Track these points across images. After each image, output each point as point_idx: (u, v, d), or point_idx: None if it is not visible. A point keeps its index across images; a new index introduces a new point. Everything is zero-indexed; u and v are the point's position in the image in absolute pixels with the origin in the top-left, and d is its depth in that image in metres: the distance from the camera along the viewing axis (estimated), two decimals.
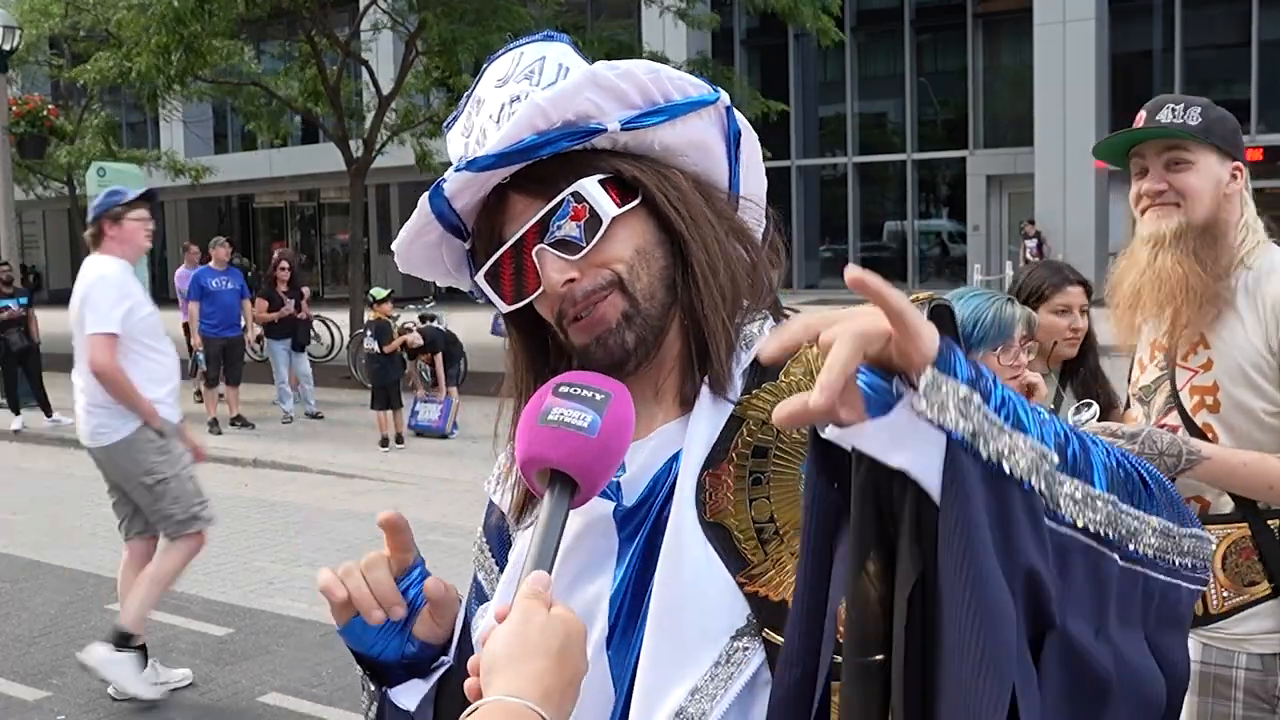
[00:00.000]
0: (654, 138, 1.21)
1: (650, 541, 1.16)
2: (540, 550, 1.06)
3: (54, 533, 8.69)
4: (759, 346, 1.17)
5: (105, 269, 5.41)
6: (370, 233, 29.75)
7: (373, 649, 1.22)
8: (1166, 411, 2.52)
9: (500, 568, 1.34)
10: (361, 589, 1.19)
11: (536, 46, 1.26)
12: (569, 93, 1.16)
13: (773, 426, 1.13)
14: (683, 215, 1.20)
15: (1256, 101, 23.71)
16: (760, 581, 1.10)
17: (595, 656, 1.16)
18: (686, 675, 1.09)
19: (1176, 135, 2.43)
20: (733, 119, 1.26)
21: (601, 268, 1.18)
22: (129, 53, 14.60)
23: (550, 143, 1.16)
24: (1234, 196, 2.48)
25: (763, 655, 1.09)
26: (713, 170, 1.26)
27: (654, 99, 1.19)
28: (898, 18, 27.33)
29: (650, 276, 1.19)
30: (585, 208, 1.17)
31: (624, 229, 1.19)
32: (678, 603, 1.11)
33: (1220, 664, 2.47)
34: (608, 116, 1.18)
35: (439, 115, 17.53)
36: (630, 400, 1.14)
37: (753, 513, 1.13)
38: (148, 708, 5.33)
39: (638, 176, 1.19)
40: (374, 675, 1.27)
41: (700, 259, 1.20)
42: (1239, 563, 2.42)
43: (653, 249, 1.20)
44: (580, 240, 1.17)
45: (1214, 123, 2.47)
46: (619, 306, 1.18)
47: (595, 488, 1.11)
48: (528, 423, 1.12)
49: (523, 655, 0.97)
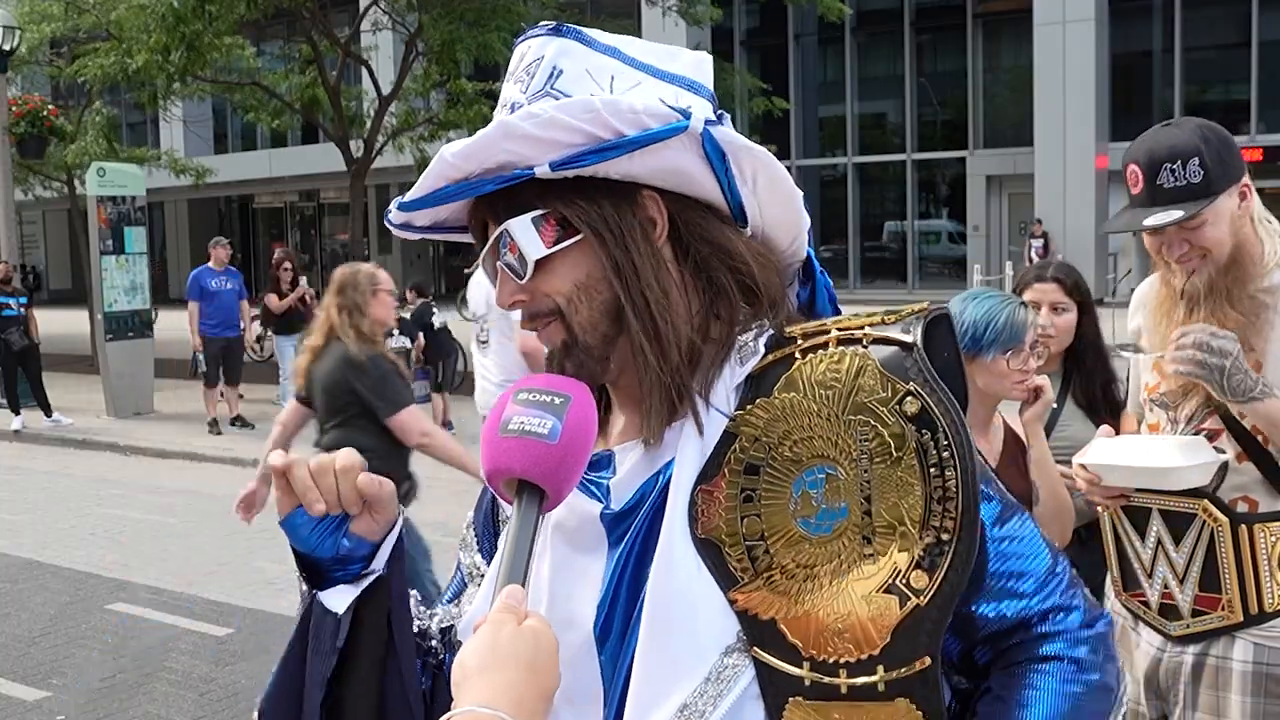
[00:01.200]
0: (608, 169, 1.17)
1: (641, 551, 1.16)
2: (513, 562, 1.06)
3: (54, 533, 8.69)
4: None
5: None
6: (370, 233, 29.72)
7: (308, 543, 1.22)
8: (1206, 417, 2.49)
9: (481, 550, 1.35)
10: (306, 480, 1.18)
11: (540, 43, 1.24)
12: (481, 147, 1.16)
13: (765, 444, 1.14)
14: (618, 258, 1.18)
15: (1256, 101, 23.71)
16: (750, 599, 1.11)
17: (584, 655, 1.17)
18: (676, 691, 1.10)
19: (1189, 218, 2.36)
20: (710, 142, 1.17)
21: (545, 295, 1.20)
22: (129, 49, 14.59)
23: (475, 187, 1.18)
24: (1247, 213, 2.44)
25: (752, 672, 1.10)
26: (695, 193, 1.22)
27: (598, 136, 1.14)
28: (898, 18, 27.32)
29: (591, 310, 1.19)
30: (515, 245, 1.19)
31: (564, 263, 1.19)
32: (668, 618, 1.11)
33: (1273, 663, 2.43)
34: (535, 160, 1.15)
35: (438, 118, 17.55)
36: (591, 400, 1.14)
37: (744, 529, 1.12)
38: (147, 708, 5.33)
39: (569, 219, 1.18)
40: (309, 575, 1.26)
41: (635, 302, 1.17)
42: None
43: (595, 283, 1.19)
44: (520, 270, 1.20)
45: (1215, 163, 2.38)
46: (560, 335, 1.20)
47: (562, 493, 1.11)
48: (490, 434, 1.12)
49: (493, 666, 0.97)
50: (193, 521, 8.87)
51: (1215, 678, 2.48)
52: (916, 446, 1.09)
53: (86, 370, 17.00)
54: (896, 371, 1.12)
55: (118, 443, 12.35)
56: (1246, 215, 2.43)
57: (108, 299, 14.00)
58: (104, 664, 5.86)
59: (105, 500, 9.72)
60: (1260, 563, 2.41)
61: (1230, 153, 2.43)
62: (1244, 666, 2.45)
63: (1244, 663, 2.45)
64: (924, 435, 1.09)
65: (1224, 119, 17.33)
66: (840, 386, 1.12)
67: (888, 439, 1.10)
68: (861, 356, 1.13)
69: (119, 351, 13.99)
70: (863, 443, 1.10)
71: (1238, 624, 2.45)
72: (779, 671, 1.09)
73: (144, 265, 14.65)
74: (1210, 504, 2.44)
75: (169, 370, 15.65)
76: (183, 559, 7.80)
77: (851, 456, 1.10)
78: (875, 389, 1.11)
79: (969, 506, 1.09)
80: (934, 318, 1.16)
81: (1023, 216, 25.21)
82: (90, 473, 11.10)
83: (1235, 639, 2.46)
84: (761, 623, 1.09)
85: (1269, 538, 2.41)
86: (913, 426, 1.09)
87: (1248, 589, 2.42)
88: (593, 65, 1.22)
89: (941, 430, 1.09)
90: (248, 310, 13.42)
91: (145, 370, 14.29)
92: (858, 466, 1.10)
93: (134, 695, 5.45)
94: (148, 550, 8.13)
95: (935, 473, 1.09)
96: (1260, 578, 2.41)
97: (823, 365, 1.14)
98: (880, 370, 1.12)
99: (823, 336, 1.17)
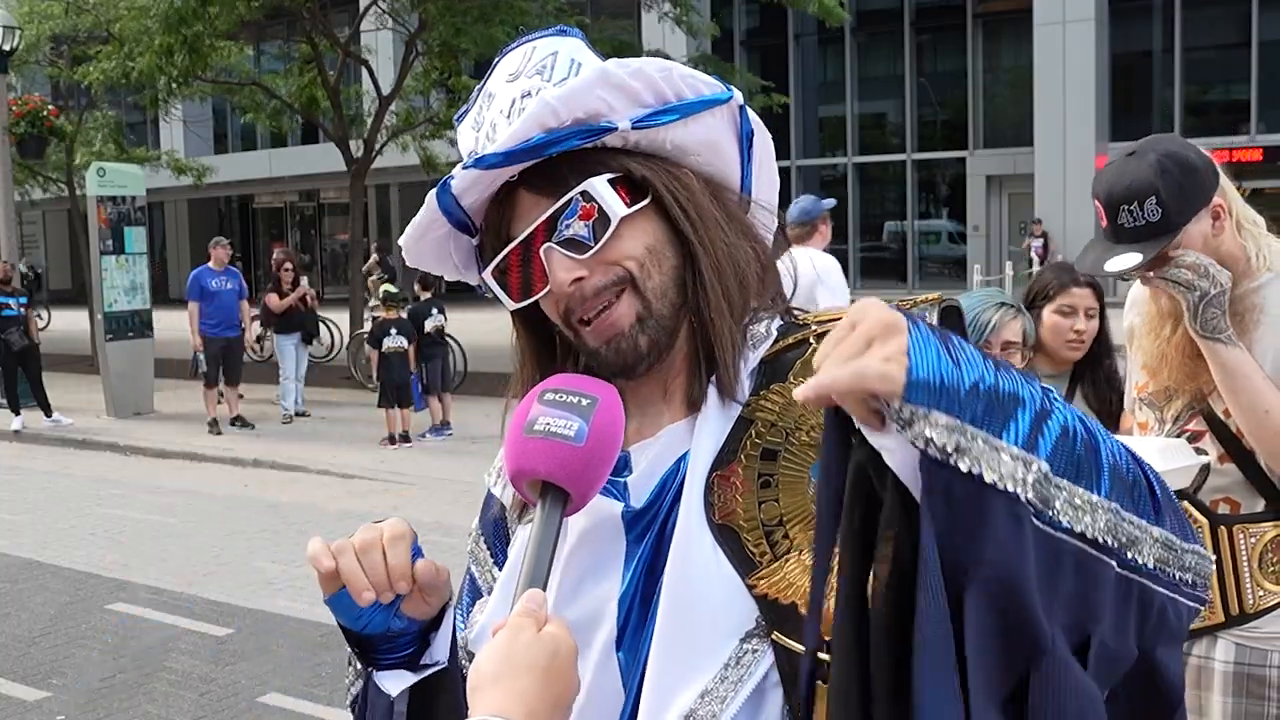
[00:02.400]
0: (665, 136, 1.19)
1: (659, 543, 1.15)
2: (535, 565, 1.05)
3: (54, 533, 8.69)
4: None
5: (829, 260, 6.47)
6: (370, 233, 29.73)
7: (358, 622, 1.21)
8: (1190, 418, 2.50)
9: (496, 562, 1.33)
10: (353, 567, 1.15)
11: (549, 41, 1.24)
12: (580, 90, 1.14)
13: (782, 429, 1.13)
14: (691, 217, 1.19)
15: (1256, 101, 23.71)
16: (769, 584, 1.10)
17: (605, 658, 1.16)
18: (696, 678, 1.09)
19: (1147, 263, 2.34)
20: (746, 119, 1.24)
21: (613, 265, 1.17)
22: (131, 52, 14.60)
23: (559, 141, 1.15)
24: (1223, 230, 2.40)
25: (771, 658, 1.09)
26: (724, 170, 1.25)
27: (666, 97, 1.17)
28: (898, 18, 27.33)
29: (662, 275, 1.18)
30: (594, 207, 1.16)
31: (634, 228, 1.17)
32: (687, 604, 1.10)
33: (1254, 664, 2.44)
34: (618, 115, 1.16)
35: (439, 117, 17.54)
36: (619, 402, 1.13)
37: (762, 515, 1.12)
38: (147, 708, 5.33)
39: (647, 177, 1.18)
40: (360, 651, 1.25)
41: (707, 262, 1.18)
42: (1273, 560, 2.41)
43: (664, 248, 1.18)
44: (589, 239, 1.16)
45: (1173, 198, 2.34)
46: (634, 307, 1.17)
47: (587, 496, 1.10)
48: (514, 434, 1.11)
49: (508, 673, 0.96)
50: (193, 521, 8.87)
51: (1198, 677, 2.49)
52: None
53: (86, 370, 17.00)
54: None
55: (118, 443, 12.36)
56: (1222, 233, 2.40)
57: (108, 299, 14.01)
58: (104, 664, 5.86)
59: (105, 500, 9.72)
60: (1241, 563, 2.42)
61: (1192, 180, 2.37)
62: (1225, 667, 2.46)
63: (1225, 663, 2.46)
64: None
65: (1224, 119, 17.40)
66: None
67: None
68: None
69: (119, 351, 14.00)
70: None
71: (1220, 624, 2.45)
72: (799, 656, 1.07)
73: (144, 265, 14.66)
74: (1190, 505, 2.44)
75: (169, 370, 15.65)
76: (183, 559, 7.80)
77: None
78: None
79: None
80: (946, 307, 1.15)
81: (1023, 216, 25.22)
82: (90, 473, 11.10)
83: (1218, 639, 2.47)
84: (781, 607, 1.08)
85: (1249, 539, 2.42)
86: None
87: (1228, 590, 2.43)
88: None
89: None
90: (248, 310, 13.43)
91: (145, 370, 14.30)
92: None
93: (134, 695, 5.45)
94: (148, 550, 8.13)
95: None
96: (1241, 578, 2.42)
97: None
98: None
99: (837, 323, 1.16)
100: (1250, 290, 2.41)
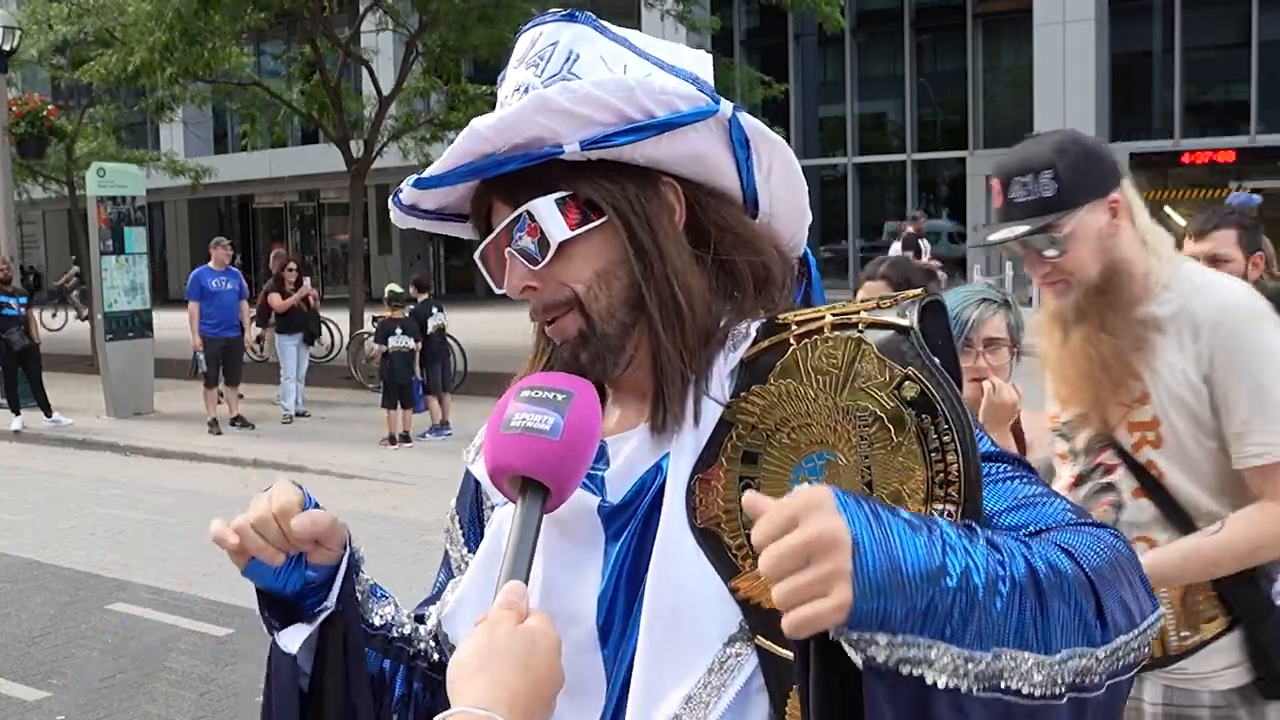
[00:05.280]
0: (634, 153, 1.16)
1: (640, 543, 1.15)
2: (515, 558, 1.05)
3: (54, 533, 8.69)
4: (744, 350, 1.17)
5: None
6: (370, 233, 29.75)
7: (278, 583, 1.23)
8: (1099, 451, 2.38)
9: (467, 542, 1.35)
10: (258, 542, 1.19)
11: (554, 28, 1.23)
12: (514, 120, 1.14)
13: (762, 432, 1.13)
14: (639, 240, 1.17)
15: (1256, 101, 23.69)
16: (751, 586, 1.09)
17: (586, 652, 1.16)
18: (680, 683, 1.09)
19: (1036, 233, 2.25)
20: (738, 127, 1.20)
21: (561, 285, 1.18)
22: (132, 49, 14.60)
23: (501, 164, 1.15)
24: (1119, 231, 2.27)
25: (755, 662, 1.09)
26: (713, 180, 1.22)
27: (629, 116, 1.14)
28: (898, 18, 27.33)
29: (610, 298, 1.18)
30: (537, 227, 1.17)
31: (585, 247, 1.17)
32: (670, 609, 1.10)
33: (1183, 704, 2.38)
34: (565, 138, 1.14)
35: (439, 118, 17.54)
36: (595, 397, 1.14)
37: (744, 518, 1.11)
38: (147, 708, 5.33)
39: (594, 199, 1.17)
40: (286, 612, 1.27)
41: (654, 289, 1.17)
42: (1196, 601, 2.33)
43: (615, 269, 1.18)
44: (537, 255, 1.17)
45: (1071, 177, 2.24)
46: (577, 324, 1.19)
47: (566, 490, 1.11)
48: (492, 431, 1.12)
49: (489, 665, 0.96)
50: (193, 521, 8.85)
51: (1127, 718, 2.42)
52: (916, 431, 1.07)
53: (86, 370, 17.00)
54: (894, 356, 1.10)
55: (118, 443, 12.36)
56: (1121, 230, 2.27)
57: (108, 299, 14.01)
58: (104, 664, 5.86)
59: (105, 500, 9.72)
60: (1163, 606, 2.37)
61: (1094, 165, 2.27)
62: (1154, 708, 2.40)
63: (1154, 704, 2.40)
64: (923, 419, 1.07)
65: (1224, 119, 17.41)
66: (837, 372, 1.11)
67: (887, 424, 1.08)
68: (858, 341, 1.11)
69: (119, 351, 14.00)
70: (862, 428, 1.09)
71: (1146, 665, 2.41)
72: (783, 659, 1.07)
73: (144, 265, 14.66)
74: None
75: (169, 370, 15.65)
76: (183, 559, 7.79)
77: (851, 442, 1.09)
78: (873, 374, 1.09)
79: (972, 491, 1.07)
80: (929, 303, 1.15)
81: None
82: (90, 473, 11.10)
83: (1144, 680, 2.40)
84: (764, 611, 1.08)
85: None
86: (912, 410, 1.08)
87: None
88: (607, 52, 1.22)
89: (941, 414, 1.07)
90: (248, 310, 13.44)
91: (145, 370, 14.30)
92: (857, 452, 1.09)
93: (134, 695, 5.46)
94: (148, 550, 8.13)
95: (936, 457, 1.07)
96: (1165, 620, 2.32)
97: (819, 351, 1.12)
98: (877, 355, 1.10)
99: (817, 322, 1.15)
100: (1151, 313, 2.26)
